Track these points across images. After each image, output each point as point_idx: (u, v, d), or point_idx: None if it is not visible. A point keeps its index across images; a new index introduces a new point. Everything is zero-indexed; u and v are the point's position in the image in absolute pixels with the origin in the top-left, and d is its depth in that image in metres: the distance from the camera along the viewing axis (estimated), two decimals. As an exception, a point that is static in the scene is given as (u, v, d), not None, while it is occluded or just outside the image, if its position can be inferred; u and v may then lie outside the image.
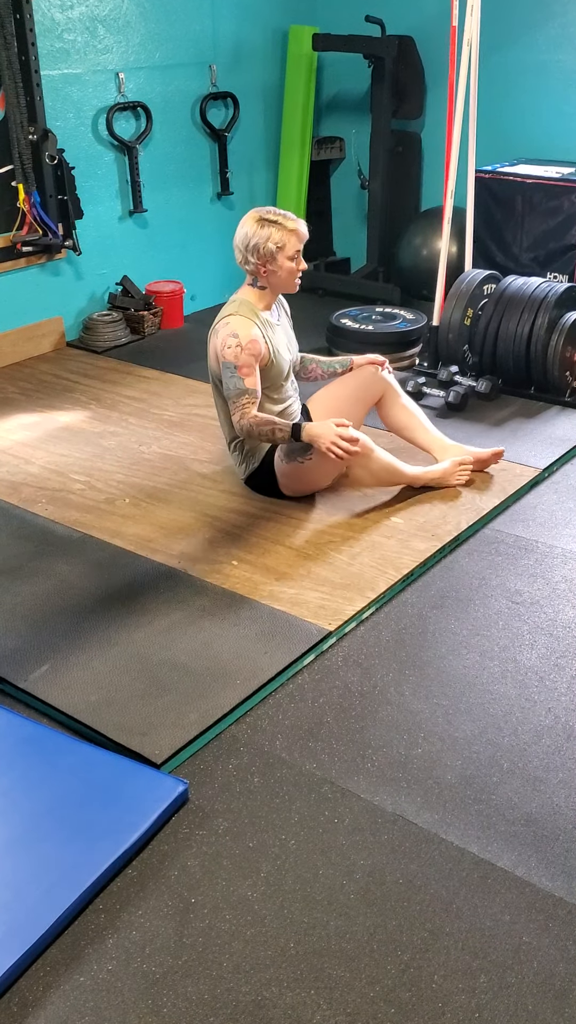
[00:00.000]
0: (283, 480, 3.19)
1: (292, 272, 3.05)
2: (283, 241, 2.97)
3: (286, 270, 3.03)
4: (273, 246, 2.97)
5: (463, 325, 4.12)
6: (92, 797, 2.08)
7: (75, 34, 4.47)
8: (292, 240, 2.99)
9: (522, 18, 4.86)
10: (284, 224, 2.98)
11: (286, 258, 3.00)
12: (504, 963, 1.77)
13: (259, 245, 2.97)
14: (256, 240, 2.97)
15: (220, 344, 3.01)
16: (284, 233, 2.97)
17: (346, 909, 1.88)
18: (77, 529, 3.14)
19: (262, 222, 2.98)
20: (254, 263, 3.01)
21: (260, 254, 2.98)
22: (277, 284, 3.08)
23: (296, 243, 3.01)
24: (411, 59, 5.12)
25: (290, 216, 3.02)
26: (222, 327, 3.03)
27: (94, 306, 4.94)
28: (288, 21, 5.39)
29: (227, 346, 2.98)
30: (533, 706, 2.39)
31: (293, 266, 3.03)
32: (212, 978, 1.75)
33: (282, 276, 3.05)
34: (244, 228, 3.01)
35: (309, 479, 3.18)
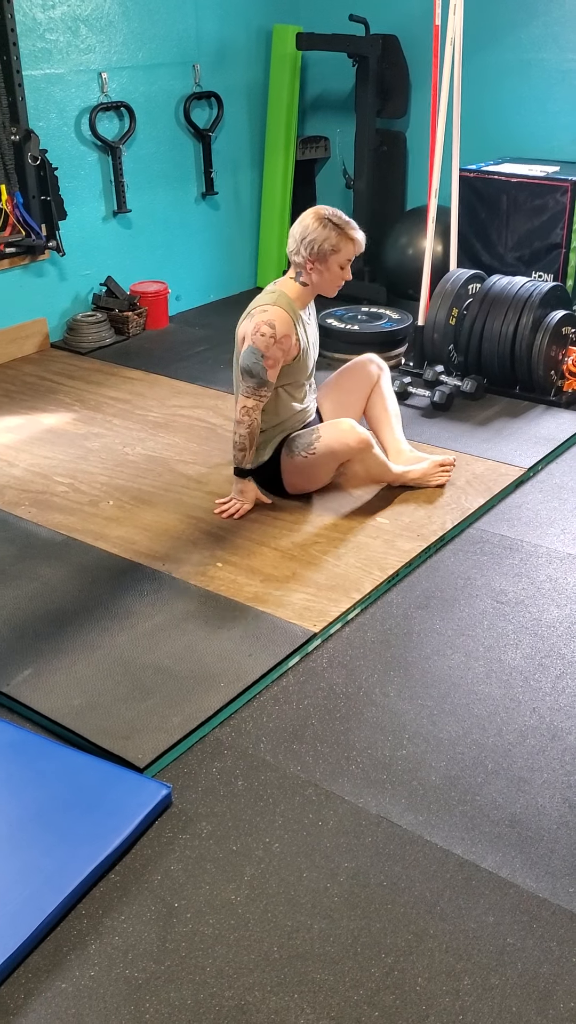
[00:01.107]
0: (287, 476, 3.20)
1: (338, 278, 3.03)
2: (340, 246, 2.96)
3: (333, 274, 3.01)
4: (328, 247, 2.95)
5: (448, 325, 4.12)
6: (75, 802, 2.07)
7: (57, 34, 4.45)
8: (348, 248, 2.98)
9: (506, 17, 4.86)
10: (345, 230, 2.96)
11: (337, 263, 2.99)
12: (488, 965, 1.77)
13: (315, 242, 2.95)
14: (313, 237, 2.95)
15: (252, 329, 2.98)
16: (343, 239, 2.96)
17: (330, 912, 1.87)
18: (60, 532, 3.13)
19: (325, 222, 2.95)
20: (304, 257, 2.99)
21: (313, 251, 2.96)
22: (319, 285, 3.06)
23: (351, 252, 2.99)
24: (395, 58, 5.12)
25: (353, 224, 3.00)
26: (259, 312, 3.01)
27: (78, 307, 4.92)
28: (272, 20, 5.38)
29: (260, 333, 2.96)
30: (518, 706, 2.38)
31: (341, 273, 3.02)
32: (195, 983, 1.74)
33: (327, 279, 3.03)
34: (305, 221, 2.98)
35: (312, 475, 3.19)
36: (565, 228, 4.53)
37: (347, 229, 2.96)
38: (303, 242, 2.97)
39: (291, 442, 3.15)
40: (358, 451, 3.10)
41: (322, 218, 2.96)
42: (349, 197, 5.60)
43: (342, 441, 3.07)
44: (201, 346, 4.80)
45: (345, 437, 3.07)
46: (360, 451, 3.10)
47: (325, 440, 3.08)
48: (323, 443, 3.08)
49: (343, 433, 3.07)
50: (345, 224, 2.97)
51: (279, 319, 2.97)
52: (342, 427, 3.09)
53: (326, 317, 4.60)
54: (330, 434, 3.09)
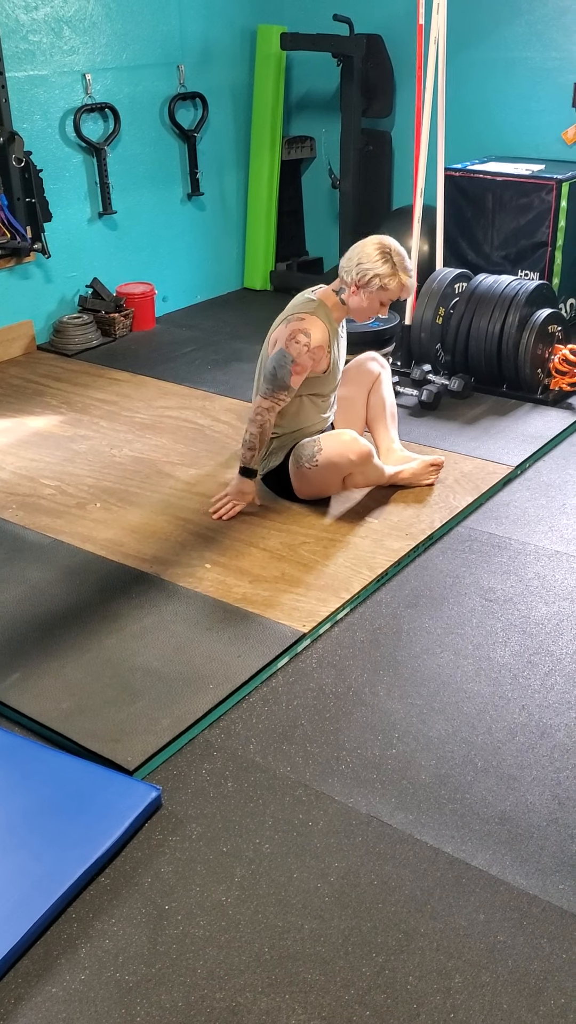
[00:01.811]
0: (296, 483, 3.20)
1: (373, 311, 3.05)
2: (388, 284, 2.96)
3: (370, 305, 3.02)
4: (378, 282, 2.95)
5: (435, 324, 4.13)
6: (64, 805, 2.06)
7: (40, 35, 4.44)
8: (395, 288, 2.98)
9: (489, 16, 4.87)
10: (399, 272, 2.96)
11: (378, 298, 3.00)
12: (479, 962, 1.77)
13: (368, 271, 2.95)
14: (369, 265, 2.95)
15: (288, 334, 2.99)
16: (394, 279, 2.96)
17: (320, 912, 1.87)
18: (47, 534, 3.12)
19: (386, 256, 2.95)
20: (352, 279, 2.99)
21: (364, 279, 2.97)
22: (355, 310, 3.06)
23: (396, 294, 3.00)
24: (380, 58, 5.13)
25: (410, 268, 3.00)
26: (296, 320, 3.01)
27: (64, 309, 4.91)
28: (256, 20, 5.38)
29: (295, 340, 2.97)
30: (507, 704, 2.39)
31: (377, 307, 3.03)
32: (186, 985, 1.74)
33: (363, 308, 3.03)
34: (367, 248, 2.98)
35: (317, 485, 3.19)
36: (550, 226, 4.55)
37: (402, 272, 2.97)
38: (357, 266, 2.98)
39: (296, 449, 3.15)
40: (359, 464, 3.09)
41: (384, 251, 2.96)
42: (335, 197, 5.60)
43: (342, 453, 3.06)
44: (188, 347, 4.79)
45: (345, 450, 3.06)
46: (361, 464, 3.10)
47: (326, 452, 3.07)
48: (324, 455, 3.07)
49: (344, 445, 3.06)
50: (403, 266, 2.97)
51: (316, 329, 2.98)
52: (343, 439, 3.08)
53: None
54: (331, 446, 3.07)
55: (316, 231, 5.95)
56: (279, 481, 3.23)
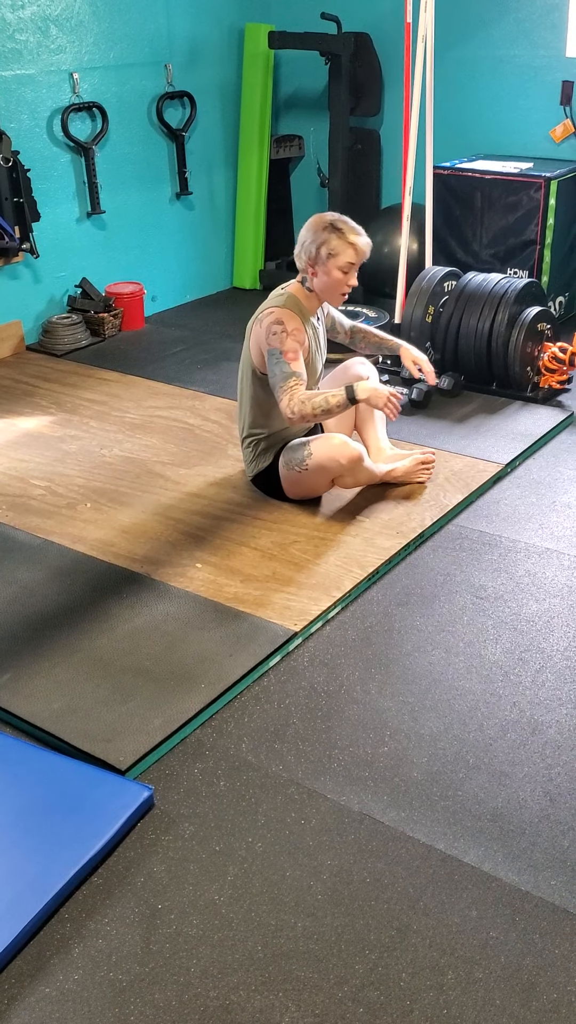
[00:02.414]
0: (286, 484, 3.20)
1: (339, 283, 3.00)
2: (338, 250, 2.94)
3: (333, 279, 2.99)
4: (326, 252, 2.94)
5: (425, 322, 4.13)
6: (56, 805, 2.06)
7: (27, 34, 4.43)
8: (348, 252, 2.95)
9: (477, 14, 4.88)
10: (345, 234, 2.94)
11: (336, 267, 2.96)
12: (472, 958, 1.77)
13: (314, 247, 2.95)
14: (314, 240, 2.95)
15: (264, 332, 2.98)
16: (342, 243, 2.94)
17: (313, 910, 1.87)
18: (38, 535, 3.11)
19: (328, 226, 2.95)
20: (304, 261, 2.99)
21: (312, 255, 2.96)
22: (321, 290, 3.04)
23: (351, 256, 2.96)
24: (368, 56, 5.13)
25: (356, 229, 2.98)
26: (266, 316, 3.00)
27: (53, 309, 4.90)
28: (243, 19, 5.38)
29: (272, 333, 2.96)
30: (498, 701, 2.39)
31: (341, 277, 2.99)
32: (179, 984, 1.74)
33: (327, 284, 3.00)
34: (310, 225, 2.99)
35: (308, 485, 3.18)
36: (539, 224, 4.56)
37: (347, 234, 2.94)
38: (303, 246, 2.97)
39: (286, 452, 3.14)
40: (349, 468, 3.09)
41: (324, 222, 2.95)
42: (324, 196, 5.60)
43: (332, 457, 3.06)
44: (177, 347, 4.79)
45: (335, 453, 3.05)
46: (351, 468, 3.09)
47: (316, 457, 3.06)
48: (314, 460, 3.06)
49: (334, 449, 3.06)
50: (346, 228, 2.95)
51: (285, 316, 2.98)
52: (333, 443, 3.07)
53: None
54: (321, 450, 3.07)
55: (305, 230, 5.94)
56: (268, 481, 3.23)
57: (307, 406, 2.94)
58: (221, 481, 3.41)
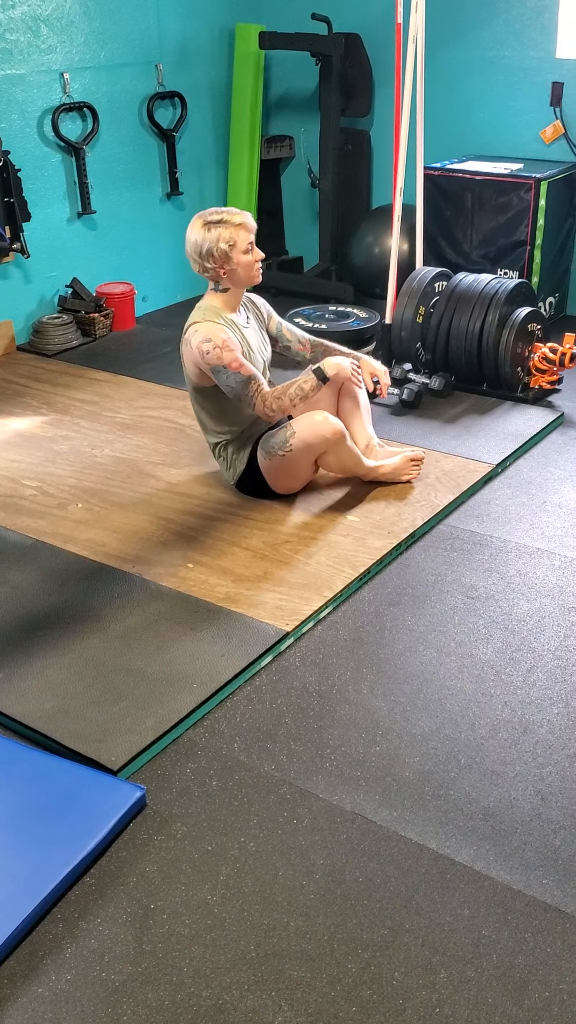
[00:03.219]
0: (270, 477, 3.20)
1: (250, 264, 3.04)
2: (233, 238, 2.97)
3: (244, 264, 3.02)
4: (225, 245, 2.96)
5: (415, 323, 4.14)
6: (49, 806, 2.06)
7: (17, 34, 4.42)
8: (242, 234, 2.99)
9: (467, 15, 4.89)
10: (230, 220, 2.98)
11: (241, 253, 3.00)
12: (464, 957, 1.78)
13: (212, 249, 2.97)
14: (207, 244, 2.97)
15: (198, 353, 3.00)
16: (232, 229, 2.97)
17: (306, 909, 1.87)
18: (29, 535, 3.11)
19: (208, 225, 2.98)
20: (212, 267, 3.01)
21: (215, 257, 2.98)
22: (240, 281, 3.06)
23: (247, 235, 3.00)
24: (358, 57, 5.14)
25: (233, 211, 3.02)
26: (192, 335, 3.03)
27: (44, 309, 4.89)
28: (234, 19, 5.38)
29: (205, 352, 2.98)
30: (490, 700, 2.40)
31: (250, 258, 3.03)
32: (172, 984, 1.74)
33: (242, 272, 3.04)
34: (192, 236, 3.01)
35: (292, 472, 3.19)
36: (529, 225, 4.57)
37: (231, 219, 2.98)
38: (202, 255, 3.00)
39: (265, 442, 3.15)
40: (333, 443, 3.11)
41: (204, 224, 2.99)
42: (314, 196, 5.61)
43: (317, 433, 3.07)
44: (168, 347, 4.79)
45: (319, 428, 3.07)
46: (335, 442, 3.11)
47: (300, 435, 3.08)
48: (298, 438, 3.08)
49: (317, 425, 3.08)
50: (227, 215, 2.99)
51: (209, 331, 3.00)
52: (315, 419, 3.10)
53: (293, 317, 4.60)
54: (304, 427, 3.09)
55: (296, 230, 5.95)
56: (252, 482, 3.24)
57: (284, 400, 2.99)
58: (212, 481, 3.41)
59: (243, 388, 2.97)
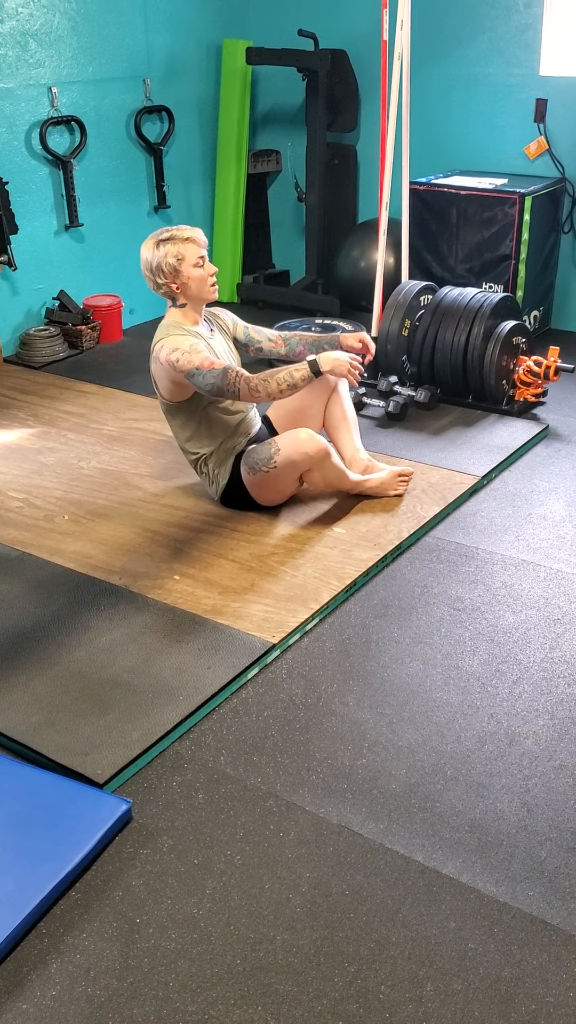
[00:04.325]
0: (254, 491, 3.20)
1: (202, 278, 3.06)
2: (181, 253, 3.01)
3: (196, 279, 3.04)
4: (174, 260, 3.00)
5: (401, 336, 4.16)
6: (34, 819, 2.05)
7: (6, 48, 4.43)
8: (190, 248, 3.02)
9: (452, 33, 4.93)
10: (178, 236, 3.02)
11: (191, 267, 3.02)
12: (450, 970, 1.78)
13: (161, 264, 3.01)
14: (157, 260, 3.01)
15: (168, 365, 3.00)
16: (180, 244, 3.01)
17: (292, 923, 1.87)
18: (15, 547, 3.10)
19: (157, 243, 3.02)
20: (164, 283, 3.05)
21: (165, 273, 3.02)
22: (194, 296, 3.09)
23: (196, 249, 3.03)
24: (344, 73, 5.17)
25: (183, 227, 3.06)
26: (159, 350, 3.04)
27: (31, 321, 4.89)
28: (221, 35, 5.41)
29: (175, 361, 2.97)
30: (476, 712, 2.40)
31: (201, 272, 3.05)
32: (158, 999, 1.73)
33: (194, 286, 3.06)
34: (144, 255, 3.05)
35: (276, 487, 3.20)
36: (514, 240, 4.61)
37: (178, 234, 3.02)
38: (153, 272, 3.04)
39: (248, 457, 3.15)
40: (317, 460, 3.12)
41: (154, 242, 3.03)
42: (301, 210, 5.63)
43: (301, 451, 3.08)
44: (156, 359, 4.79)
45: (304, 447, 3.08)
46: (319, 460, 3.12)
47: (285, 452, 3.09)
48: (283, 455, 3.09)
49: (301, 443, 3.09)
50: (175, 231, 3.03)
51: (174, 341, 3.01)
52: (300, 437, 3.10)
53: (281, 330, 4.61)
54: (289, 445, 3.09)
55: (282, 244, 5.98)
56: (236, 495, 3.24)
57: (271, 383, 2.97)
58: (199, 493, 3.41)
59: (222, 379, 2.95)
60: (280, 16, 5.35)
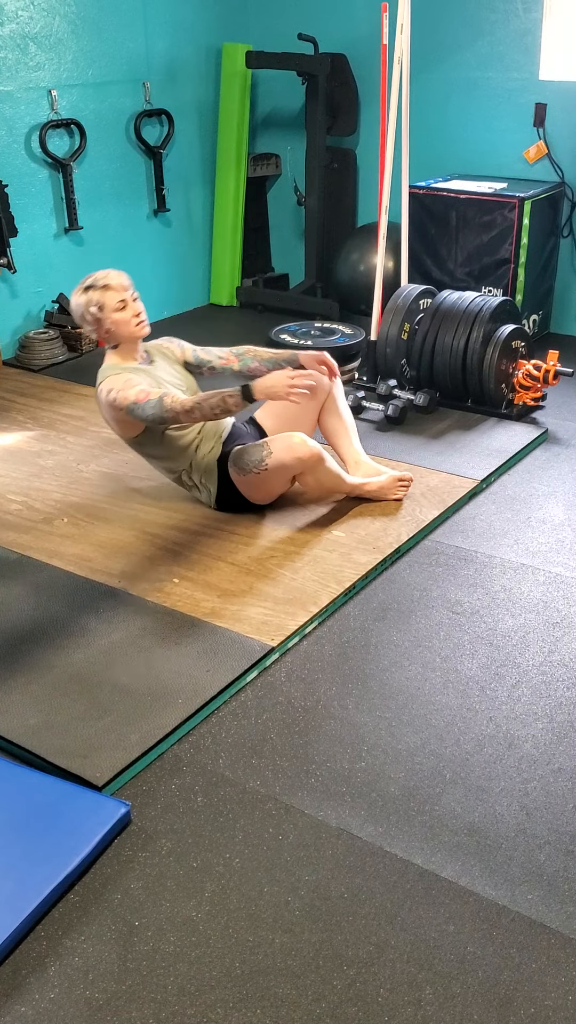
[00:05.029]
0: (247, 491, 3.21)
1: (126, 321, 3.12)
2: (100, 300, 3.08)
3: (118, 322, 3.11)
4: (95, 308, 3.08)
5: (400, 339, 4.16)
6: (32, 822, 2.05)
7: (6, 51, 4.44)
8: (108, 295, 3.09)
9: (451, 37, 4.94)
10: (96, 285, 3.10)
11: (112, 312, 3.09)
12: (449, 974, 1.78)
13: (84, 313, 3.10)
14: (80, 310, 3.11)
15: (108, 405, 3.06)
16: (99, 292, 3.08)
17: (291, 926, 1.87)
18: (14, 550, 3.10)
19: (80, 293, 3.10)
20: (92, 329, 3.14)
21: (89, 320, 3.10)
22: (122, 336, 3.14)
23: (114, 295, 3.09)
24: (344, 76, 5.18)
25: (102, 274, 3.12)
26: (100, 395, 3.11)
27: (30, 324, 4.90)
28: (221, 39, 5.42)
29: (113, 400, 3.02)
30: (475, 715, 2.40)
31: (124, 315, 3.11)
32: (157, 1002, 1.73)
33: (118, 328, 3.12)
34: (71, 304, 3.13)
35: (267, 488, 3.21)
36: (513, 244, 4.61)
37: (96, 283, 3.10)
38: (81, 320, 3.13)
39: (238, 459, 3.14)
40: (310, 465, 3.11)
41: (78, 292, 3.11)
42: (300, 214, 5.64)
43: (293, 455, 3.08)
44: (155, 362, 4.79)
45: (296, 451, 3.08)
46: (312, 464, 3.12)
47: (276, 455, 3.09)
48: (274, 459, 3.09)
49: (294, 447, 3.09)
50: (95, 279, 3.11)
51: (110, 383, 3.05)
52: (293, 441, 3.10)
53: (280, 333, 4.62)
54: (281, 448, 3.09)
55: (282, 248, 5.98)
56: (230, 499, 3.25)
57: (204, 406, 2.93)
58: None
59: (159, 407, 2.95)
60: (280, 20, 5.36)
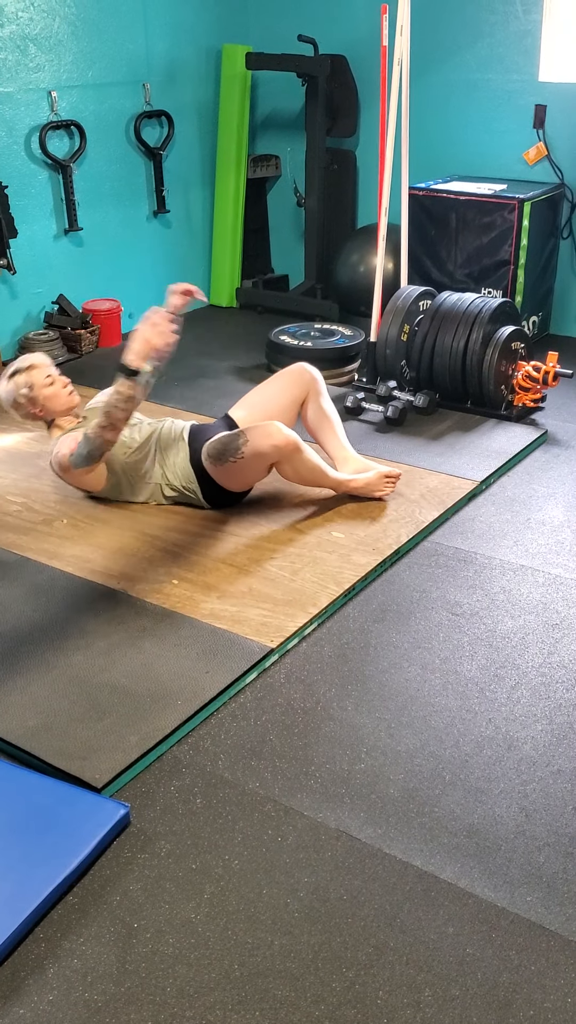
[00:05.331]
0: (223, 480, 3.21)
1: (56, 394, 3.20)
2: (28, 380, 3.16)
3: (50, 396, 3.19)
4: (26, 389, 3.15)
5: (400, 341, 4.16)
6: (31, 824, 2.05)
7: (5, 52, 4.44)
8: (34, 374, 3.17)
9: (451, 39, 4.94)
10: (20, 370, 3.18)
11: (42, 388, 3.17)
12: (448, 975, 1.77)
13: (16, 398, 3.17)
14: (10, 397, 3.18)
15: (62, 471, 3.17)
16: (24, 375, 3.17)
17: (290, 928, 1.87)
18: (13, 552, 3.10)
19: (6, 381, 3.18)
20: (26, 412, 3.21)
21: (23, 402, 3.18)
22: (57, 411, 3.23)
23: (39, 373, 3.18)
24: (344, 78, 5.18)
25: (25, 359, 3.22)
26: (51, 466, 3.22)
27: (30, 325, 4.90)
28: (221, 40, 5.42)
29: (59, 464, 3.14)
30: (474, 717, 2.40)
31: (54, 389, 3.18)
32: (155, 1004, 1.73)
33: (51, 403, 3.20)
34: (3, 394, 3.20)
35: (243, 475, 3.21)
36: (513, 245, 4.61)
37: (21, 368, 3.19)
38: (13, 408, 3.22)
39: (212, 448, 3.13)
40: (286, 453, 3.11)
41: (4, 381, 3.19)
42: (300, 215, 5.64)
43: (270, 442, 3.08)
44: (154, 363, 4.79)
45: (272, 438, 3.08)
46: (288, 452, 3.12)
47: (252, 443, 3.08)
48: (250, 447, 3.08)
49: (269, 435, 3.09)
50: (17, 368, 3.20)
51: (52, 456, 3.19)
52: (268, 429, 3.11)
53: (279, 334, 4.62)
54: (256, 436, 3.10)
55: (282, 249, 5.98)
56: (215, 492, 3.26)
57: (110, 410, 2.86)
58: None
59: (86, 440, 2.98)
60: (280, 21, 5.36)
